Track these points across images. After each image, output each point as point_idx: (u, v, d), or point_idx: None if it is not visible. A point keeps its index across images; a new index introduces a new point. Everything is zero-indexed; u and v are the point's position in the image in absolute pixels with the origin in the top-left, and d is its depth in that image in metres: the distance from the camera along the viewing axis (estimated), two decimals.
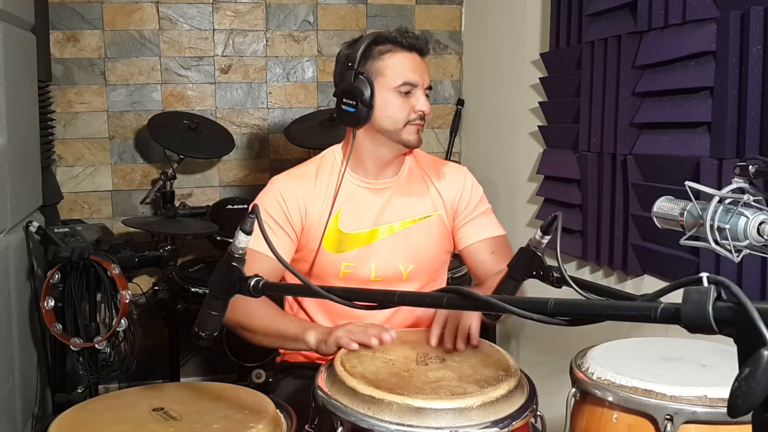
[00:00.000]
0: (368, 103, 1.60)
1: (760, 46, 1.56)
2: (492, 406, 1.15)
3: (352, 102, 1.61)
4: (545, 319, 0.82)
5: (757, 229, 0.99)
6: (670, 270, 1.86)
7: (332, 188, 1.67)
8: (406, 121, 1.63)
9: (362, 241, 1.67)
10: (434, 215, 1.73)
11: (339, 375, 1.22)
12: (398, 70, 1.61)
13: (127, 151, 3.00)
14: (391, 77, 1.61)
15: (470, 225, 1.74)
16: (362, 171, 1.70)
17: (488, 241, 1.73)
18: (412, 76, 1.62)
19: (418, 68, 1.64)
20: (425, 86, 1.65)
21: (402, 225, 1.70)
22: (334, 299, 1.02)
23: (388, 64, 1.61)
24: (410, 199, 1.72)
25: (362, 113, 1.60)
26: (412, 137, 1.65)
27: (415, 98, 1.63)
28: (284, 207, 1.64)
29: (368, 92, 1.60)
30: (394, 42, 1.62)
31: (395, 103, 1.62)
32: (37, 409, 2.20)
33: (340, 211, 1.67)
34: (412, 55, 1.63)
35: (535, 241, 1.29)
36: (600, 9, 2.09)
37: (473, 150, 3.23)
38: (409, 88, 1.62)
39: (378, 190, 1.70)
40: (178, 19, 2.99)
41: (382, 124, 1.63)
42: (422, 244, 1.71)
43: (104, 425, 1.17)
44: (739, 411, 0.58)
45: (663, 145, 1.87)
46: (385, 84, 1.61)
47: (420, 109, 1.63)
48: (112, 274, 2.11)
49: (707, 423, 1.08)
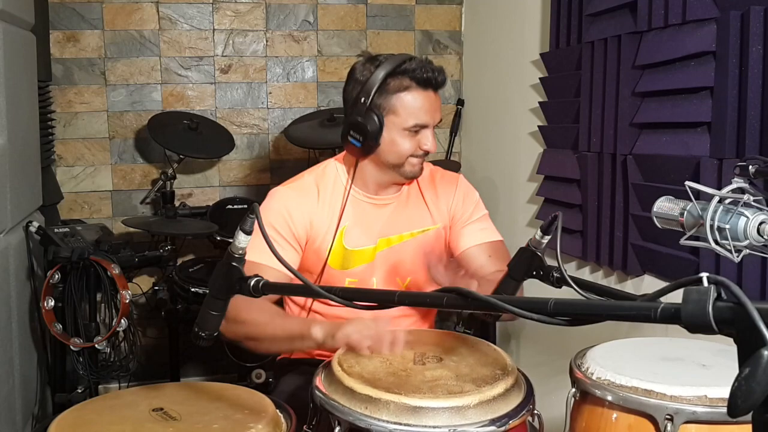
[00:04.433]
0: (375, 140, 1.59)
1: (760, 46, 1.56)
2: (489, 405, 1.15)
3: (359, 137, 1.59)
4: (545, 319, 0.81)
5: (757, 229, 0.99)
6: (670, 270, 1.86)
7: (336, 203, 1.67)
8: (410, 155, 1.62)
9: (366, 257, 1.68)
10: (432, 229, 1.73)
11: (336, 375, 1.22)
12: (411, 111, 1.58)
13: (127, 151, 3.00)
14: (403, 117, 1.58)
15: (466, 230, 1.74)
16: (365, 187, 1.70)
17: (484, 246, 1.73)
18: (424, 117, 1.59)
19: (431, 108, 1.60)
20: (435, 123, 1.63)
21: (399, 239, 1.71)
22: (334, 299, 1.02)
23: (402, 102, 1.58)
24: (409, 213, 1.73)
25: (368, 148, 1.60)
26: (415, 169, 1.65)
27: (423, 137, 1.61)
28: (290, 221, 1.63)
29: (377, 130, 1.58)
30: (411, 77, 1.58)
31: (402, 141, 1.60)
32: (37, 409, 2.20)
33: (345, 228, 1.67)
34: (427, 94, 1.60)
35: (535, 241, 1.29)
36: (600, 9, 2.09)
37: (473, 150, 3.23)
38: (419, 129, 1.60)
39: (380, 206, 1.71)
40: (178, 19, 2.99)
41: (386, 158, 1.63)
42: (419, 258, 1.70)
43: (104, 425, 1.17)
44: (739, 411, 0.58)
45: (663, 145, 1.87)
46: (396, 122, 1.59)
47: (425, 147, 1.61)
48: (112, 274, 2.11)
49: (707, 423, 1.08)
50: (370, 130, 1.57)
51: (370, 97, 1.57)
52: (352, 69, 1.66)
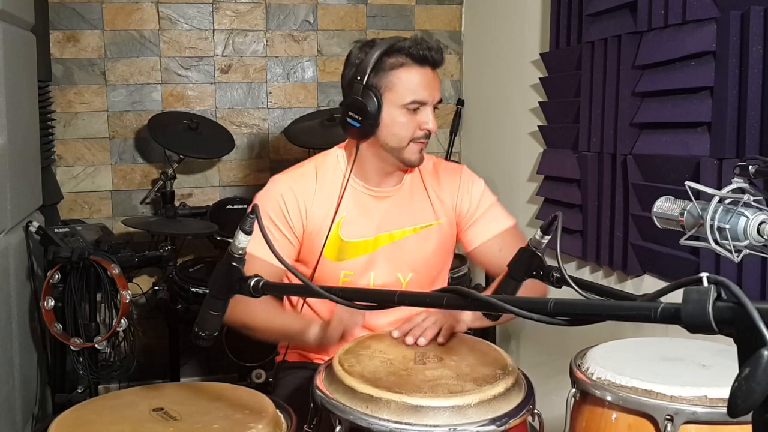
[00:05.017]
0: (374, 119, 1.56)
1: (760, 46, 1.56)
2: (490, 404, 1.15)
3: (357, 117, 1.56)
4: (545, 319, 0.81)
5: (757, 229, 0.99)
6: (670, 270, 1.86)
7: (334, 193, 1.64)
8: (411, 139, 1.59)
9: (362, 249, 1.66)
10: (435, 224, 1.70)
11: (337, 374, 1.23)
12: (408, 87, 1.56)
13: (127, 151, 3.00)
14: (401, 93, 1.56)
15: (476, 226, 1.71)
16: (365, 178, 1.67)
17: (496, 239, 1.70)
18: (422, 93, 1.56)
19: (429, 85, 1.58)
20: (434, 102, 1.59)
21: (402, 234, 1.68)
22: (334, 299, 1.02)
23: (399, 78, 1.56)
24: (411, 207, 1.70)
25: (367, 128, 1.57)
26: (414, 156, 1.61)
27: (423, 115, 1.58)
28: (285, 211, 1.62)
29: (375, 108, 1.55)
30: (406, 54, 1.56)
31: (402, 120, 1.57)
32: (37, 409, 2.20)
33: (342, 219, 1.64)
34: (425, 70, 1.57)
35: (535, 241, 1.29)
36: (600, 9, 2.09)
37: (473, 150, 3.23)
38: (417, 106, 1.57)
39: (380, 198, 1.68)
40: (178, 19, 2.99)
41: (386, 141, 1.59)
42: (422, 253, 1.69)
43: (104, 425, 1.17)
44: (739, 411, 0.58)
45: (663, 145, 1.87)
46: (394, 100, 1.56)
47: (426, 127, 1.58)
48: (112, 274, 2.11)
49: (707, 423, 1.08)
50: (369, 109, 1.55)
51: (365, 76, 1.55)
52: (348, 54, 1.66)
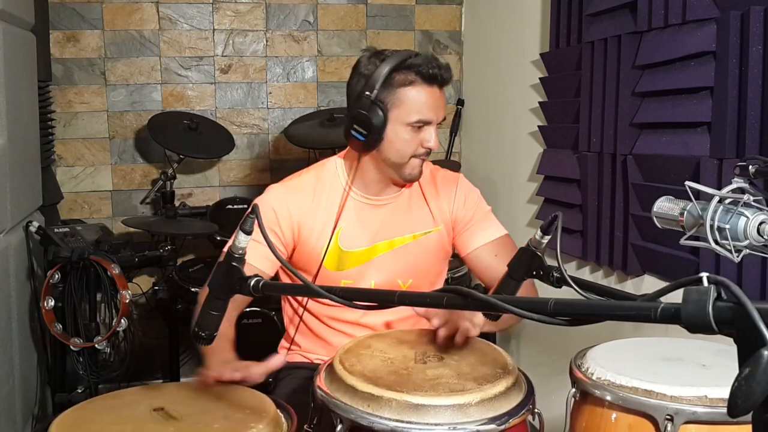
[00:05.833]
0: (379, 134, 1.57)
1: (760, 46, 1.56)
2: (490, 403, 1.15)
3: (363, 131, 1.57)
4: (545, 319, 0.81)
5: (757, 229, 0.99)
6: (670, 270, 1.86)
7: (333, 204, 1.65)
8: (412, 155, 1.60)
9: (362, 258, 1.67)
10: (434, 231, 1.72)
11: (338, 373, 1.23)
12: (415, 106, 1.56)
13: (127, 151, 3.00)
14: (407, 111, 1.57)
15: (469, 232, 1.73)
16: (364, 187, 1.68)
17: (490, 245, 1.71)
18: (428, 113, 1.57)
19: (436, 104, 1.59)
20: (439, 121, 1.61)
21: (402, 241, 1.69)
22: (334, 299, 1.02)
23: (407, 96, 1.56)
24: (410, 215, 1.71)
25: (371, 143, 1.57)
26: (415, 171, 1.62)
27: (427, 133, 1.59)
28: (276, 223, 1.61)
29: (380, 123, 1.56)
30: (416, 72, 1.56)
31: (405, 137, 1.58)
32: (37, 409, 2.20)
33: (341, 229, 1.65)
34: (432, 90, 1.58)
35: (535, 241, 1.29)
36: (600, 9, 2.09)
37: (473, 150, 3.23)
38: (422, 124, 1.58)
39: (379, 206, 1.69)
40: (178, 19, 2.99)
41: (387, 155, 1.60)
42: (421, 259, 1.70)
43: (104, 425, 1.17)
44: (739, 411, 0.58)
45: (663, 145, 1.87)
46: (400, 117, 1.57)
47: (428, 145, 1.60)
48: (112, 274, 2.11)
49: (707, 423, 1.08)
50: (374, 124, 1.55)
51: (374, 91, 1.55)
52: (356, 63, 1.65)
